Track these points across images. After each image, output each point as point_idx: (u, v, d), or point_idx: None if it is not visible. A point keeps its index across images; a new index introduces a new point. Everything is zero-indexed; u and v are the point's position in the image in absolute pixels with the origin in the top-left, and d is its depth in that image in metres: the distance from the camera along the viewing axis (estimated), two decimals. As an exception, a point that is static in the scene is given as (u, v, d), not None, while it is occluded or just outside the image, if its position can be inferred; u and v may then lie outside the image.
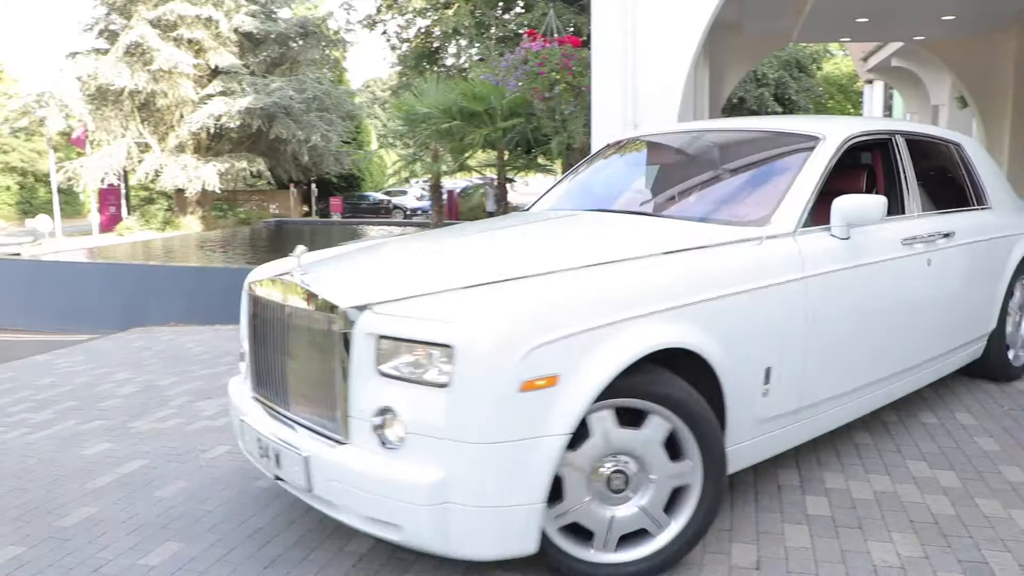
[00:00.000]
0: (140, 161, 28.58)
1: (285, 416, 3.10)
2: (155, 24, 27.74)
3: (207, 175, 27.37)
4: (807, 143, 3.89)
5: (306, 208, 34.27)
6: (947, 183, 4.80)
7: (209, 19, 28.14)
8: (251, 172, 29.56)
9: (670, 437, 2.91)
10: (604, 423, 2.78)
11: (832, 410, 3.76)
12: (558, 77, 7.90)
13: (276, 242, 18.72)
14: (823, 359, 3.56)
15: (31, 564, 3.23)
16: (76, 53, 30.24)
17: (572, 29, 13.79)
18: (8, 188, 50.87)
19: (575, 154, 9.81)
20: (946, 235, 4.31)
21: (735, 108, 30.19)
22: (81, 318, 10.91)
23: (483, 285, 2.78)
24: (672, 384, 2.89)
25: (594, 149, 6.78)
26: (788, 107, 33.13)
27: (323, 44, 31.90)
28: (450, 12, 22.25)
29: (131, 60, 27.31)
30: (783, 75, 33.21)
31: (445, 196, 16.29)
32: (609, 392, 2.72)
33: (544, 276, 2.83)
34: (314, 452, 2.83)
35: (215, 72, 29.15)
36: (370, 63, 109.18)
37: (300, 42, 31.17)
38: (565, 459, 2.72)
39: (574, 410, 2.61)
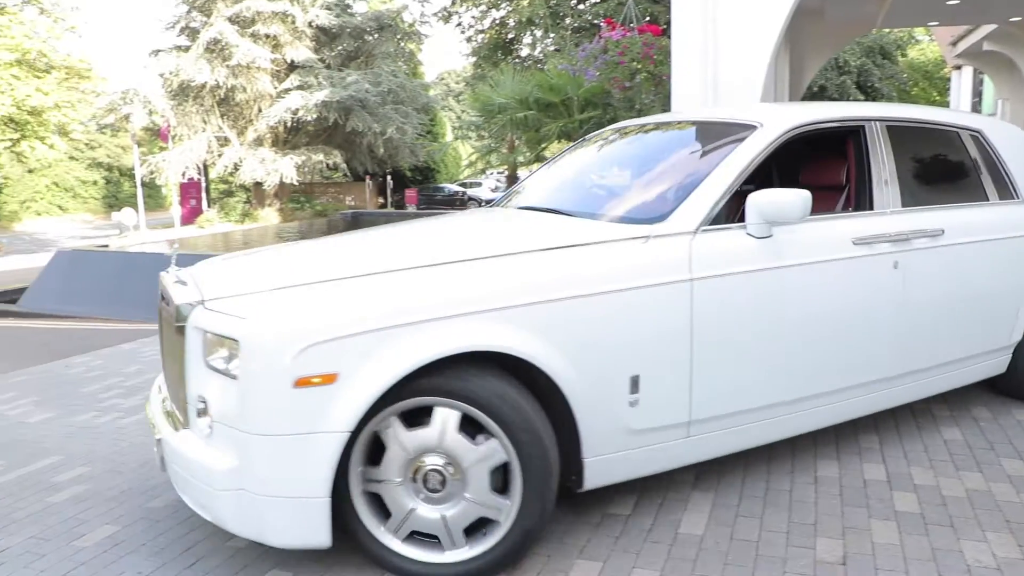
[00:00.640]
0: (220, 155, 29.19)
1: (171, 402, 3.28)
2: (233, 20, 28.25)
3: (285, 168, 27.83)
4: (743, 133, 3.63)
5: (381, 200, 34.64)
6: (956, 175, 4.31)
7: (285, 14, 28.56)
8: (327, 165, 29.96)
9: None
10: (446, 421, 2.81)
11: (750, 424, 3.46)
12: (639, 66, 7.83)
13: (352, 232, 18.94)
14: (725, 370, 3.31)
15: (125, 543, 3.33)
16: (159, 51, 30.99)
17: (648, 18, 13.67)
18: (95, 183, 52.52)
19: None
20: (932, 234, 3.87)
21: (815, 96, 29.60)
22: (167, 308, 11.17)
23: (291, 287, 2.90)
24: (491, 389, 2.82)
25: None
26: (871, 95, 32.38)
27: (398, 37, 32.12)
28: (525, 3, 22.25)
29: (211, 56, 27.88)
30: (866, 62, 32.49)
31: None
32: (445, 392, 2.79)
33: (342, 280, 2.89)
34: (165, 435, 3.06)
35: (292, 66, 29.59)
36: (444, 55, 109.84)
37: (375, 35, 31.44)
38: (398, 436, 2.82)
39: (353, 408, 2.66)
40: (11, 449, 4.64)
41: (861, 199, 3.88)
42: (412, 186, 34.59)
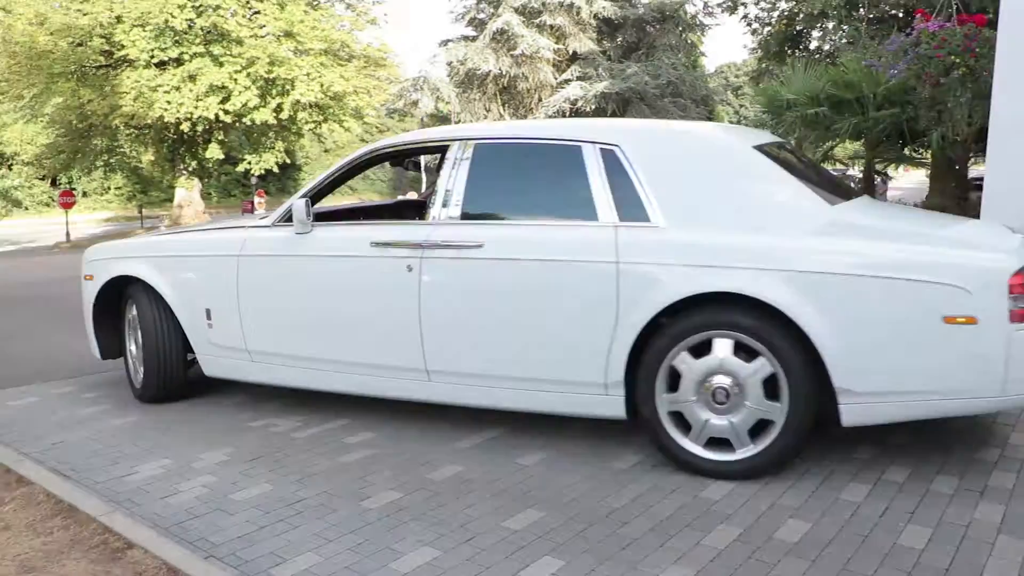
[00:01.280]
0: (499, 142, 30.15)
1: None
2: (520, 11, 29.08)
3: (560, 156, 28.32)
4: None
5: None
6: (552, 191, 4.19)
7: (571, 5, 29.02)
8: (601, 156, 30.22)
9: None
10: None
11: (290, 368, 4.71)
12: (957, 60, 7.17)
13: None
14: (258, 321, 4.74)
15: (407, 510, 3.48)
16: (448, 40, 32.53)
17: (958, 6, 12.63)
18: (383, 165, 56.09)
19: (958, 147, 8.93)
20: (461, 246, 4.08)
21: None
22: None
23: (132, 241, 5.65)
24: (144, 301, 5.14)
25: (991, 138, 6.11)
26: None
27: (680, 28, 31.80)
28: (817, -7, 21.21)
29: (496, 46, 28.88)
30: None
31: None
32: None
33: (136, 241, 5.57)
34: None
35: (573, 57, 30.07)
36: (723, 47, 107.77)
37: (657, 26, 31.30)
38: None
39: (93, 296, 5.39)
40: (309, 407, 5.00)
41: (428, 210, 4.38)
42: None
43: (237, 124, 25.95)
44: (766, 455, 3.65)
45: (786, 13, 24.05)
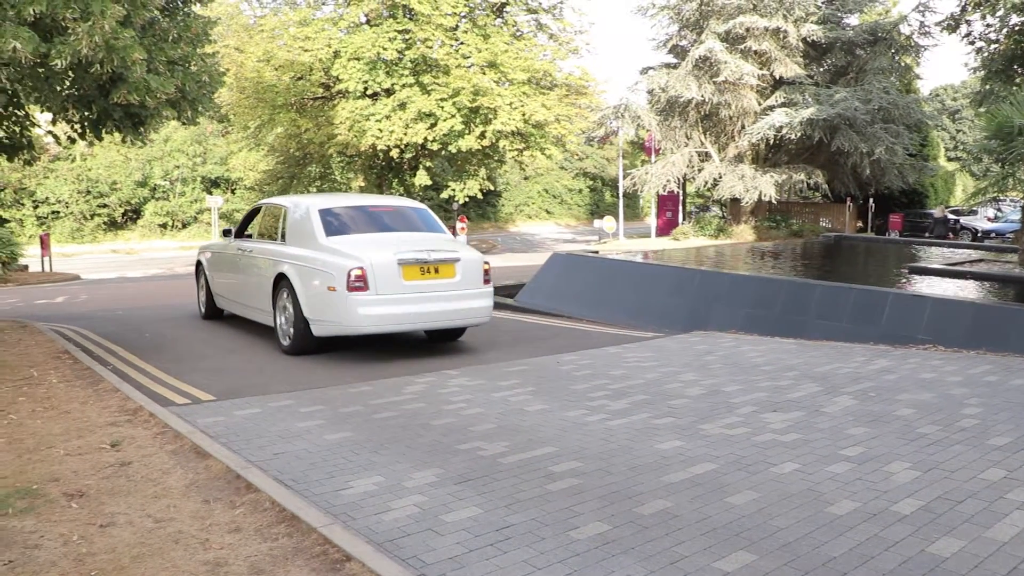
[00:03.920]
0: (699, 170, 29.74)
1: None
2: (723, 38, 28.57)
3: (764, 186, 27.56)
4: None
5: (860, 224, 32.90)
6: (277, 228, 9.00)
7: (777, 30, 28.26)
8: (807, 184, 29.19)
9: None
10: None
11: (228, 302, 10.36)
12: None
13: (833, 257, 17.94)
14: (221, 281, 10.44)
15: (615, 543, 3.45)
16: (649, 68, 32.42)
17: None
18: (580, 191, 56.66)
19: None
20: (246, 250, 9.41)
21: None
22: (647, 316, 11.50)
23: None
24: None
25: None
26: None
27: (892, 51, 30.27)
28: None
29: (699, 73, 28.47)
30: None
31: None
32: None
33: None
34: None
35: (778, 83, 29.25)
36: (939, 68, 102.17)
37: (867, 49, 29.97)
38: None
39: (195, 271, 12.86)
40: (514, 433, 5.07)
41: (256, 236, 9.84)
42: (897, 211, 32.04)
43: (442, 152, 26.89)
44: (294, 341, 8.15)
45: (1017, 28, 22.45)
